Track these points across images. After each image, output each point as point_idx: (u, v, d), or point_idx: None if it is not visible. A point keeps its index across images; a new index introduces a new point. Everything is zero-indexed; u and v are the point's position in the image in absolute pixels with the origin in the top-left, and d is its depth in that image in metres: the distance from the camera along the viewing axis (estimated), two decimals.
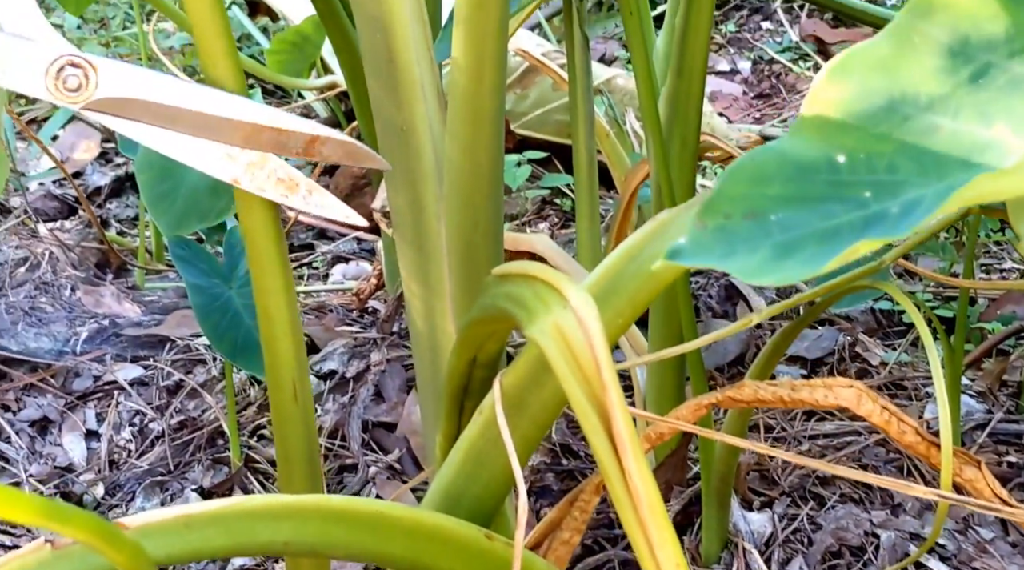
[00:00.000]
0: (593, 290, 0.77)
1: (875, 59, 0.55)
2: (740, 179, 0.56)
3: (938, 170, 0.53)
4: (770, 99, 2.90)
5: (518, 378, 0.77)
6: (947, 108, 0.54)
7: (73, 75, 0.69)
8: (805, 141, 0.56)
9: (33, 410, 1.53)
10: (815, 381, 0.91)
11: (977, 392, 1.45)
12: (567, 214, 2.25)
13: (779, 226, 0.54)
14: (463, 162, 0.87)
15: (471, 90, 0.84)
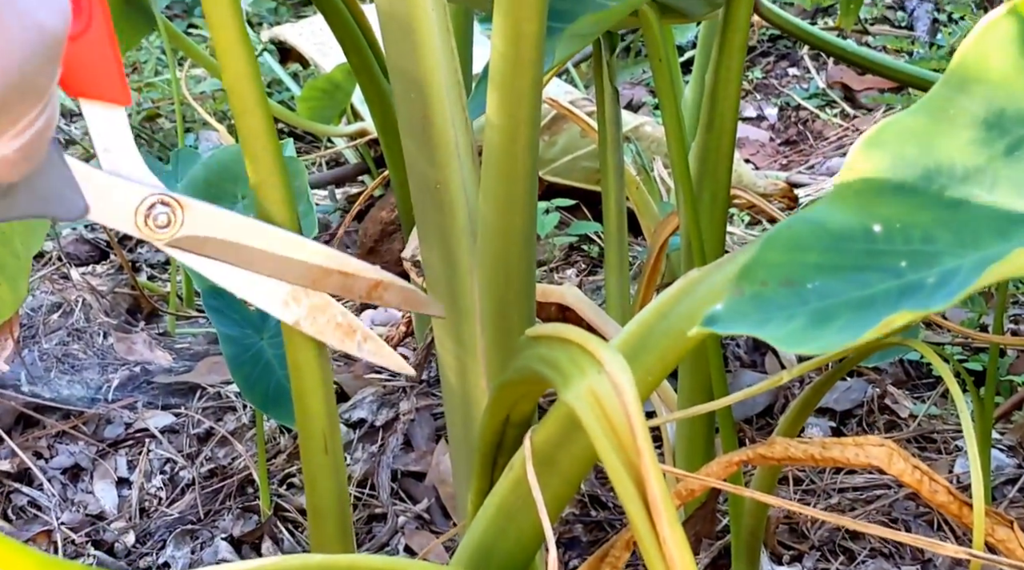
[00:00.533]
0: (623, 348, 0.77)
1: (910, 130, 0.56)
2: (777, 247, 0.57)
3: (974, 241, 0.53)
4: (797, 146, 2.91)
5: (548, 435, 0.77)
6: (983, 180, 0.54)
7: (163, 213, 0.72)
8: (841, 210, 0.57)
9: (65, 457, 1.54)
10: (846, 439, 0.91)
11: (1007, 446, 1.44)
12: (594, 260, 2.25)
13: (815, 294, 0.55)
14: (496, 220, 0.87)
15: (505, 150, 0.85)
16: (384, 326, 2.02)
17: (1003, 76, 0.54)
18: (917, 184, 0.55)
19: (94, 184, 0.70)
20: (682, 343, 0.77)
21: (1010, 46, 0.54)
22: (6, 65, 0.56)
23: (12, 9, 0.56)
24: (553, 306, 1.50)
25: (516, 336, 0.94)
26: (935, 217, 0.55)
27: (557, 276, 2.20)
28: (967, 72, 0.55)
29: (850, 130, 2.88)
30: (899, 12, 3.43)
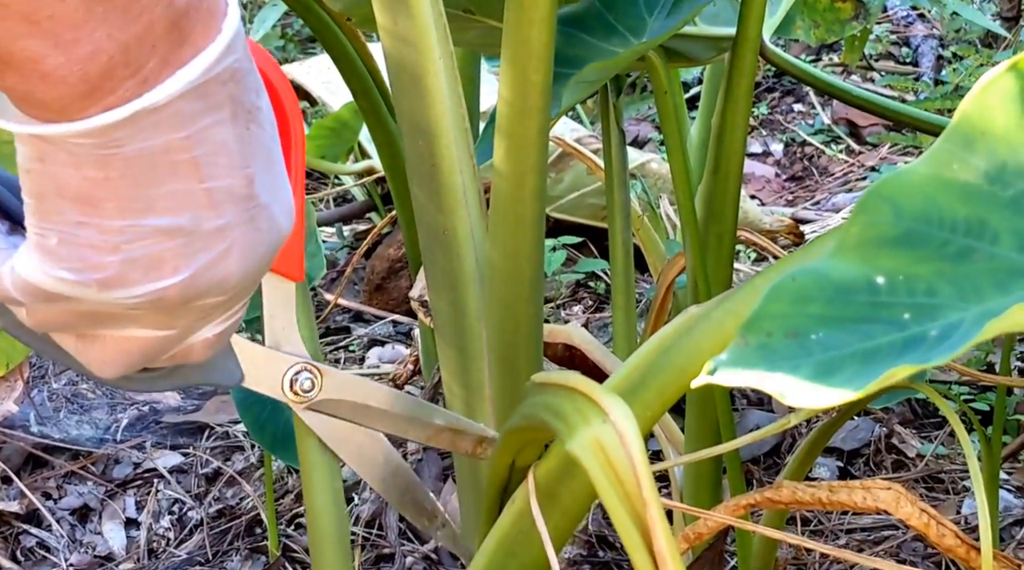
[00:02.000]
0: (623, 383, 0.78)
1: (913, 184, 0.56)
2: (782, 298, 0.57)
3: (977, 294, 0.54)
4: (803, 181, 2.91)
5: (550, 470, 0.78)
6: (985, 233, 0.55)
7: (307, 379, 0.80)
8: (845, 262, 0.57)
9: (74, 498, 1.54)
10: (853, 483, 0.92)
11: (1015, 486, 1.44)
12: (601, 297, 2.26)
13: (820, 346, 0.55)
14: (504, 266, 0.88)
15: (513, 197, 0.86)
16: (392, 364, 2.03)
17: (1005, 131, 0.55)
18: (920, 237, 0.56)
19: (248, 355, 0.77)
20: (682, 379, 0.78)
21: (1011, 102, 0.55)
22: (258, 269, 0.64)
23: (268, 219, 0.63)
24: (560, 345, 1.51)
25: (524, 380, 0.94)
26: (938, 270, 0.55)
27: (564, 313, 2.20)
28: (969, 127, 0.56)
29: (856, 166, 2.89)
30: (904, 48, 3.44)
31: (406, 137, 0.92)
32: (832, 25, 1.80)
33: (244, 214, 0.62)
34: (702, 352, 0.76)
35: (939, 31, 3.38)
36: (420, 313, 1.54)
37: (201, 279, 0.62)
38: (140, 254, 0.60)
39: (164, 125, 0.57)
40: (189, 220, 0.60)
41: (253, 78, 0.63)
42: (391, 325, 2.18)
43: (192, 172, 0.59)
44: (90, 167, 0.57)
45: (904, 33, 3.48)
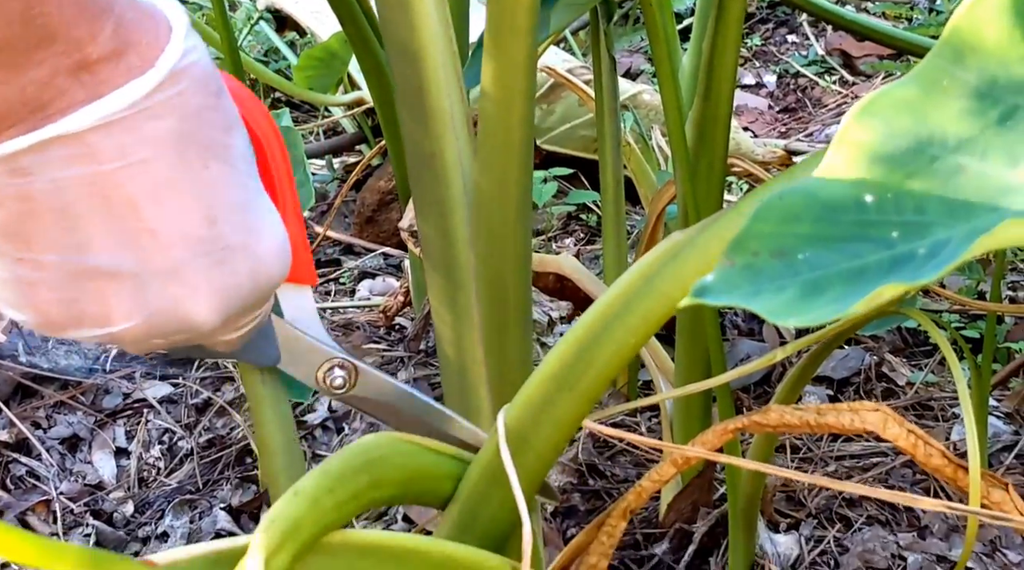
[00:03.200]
0: (607, 309, 0.78)
1: (902, 101, 0.56)
2: (769, 218, 0.56)
3: (965, 212, 0.53)
4: (796, 113, 2.90)
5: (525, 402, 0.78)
6: (975, 150, 0.54)
7: (340, 376, 0.83)
8: (833, 180, 0.56)
9: (64, 427, 1.54)
10: (841, 405, 0.91)
11: (1004, 413, 1.45)
12: (593, 229, 2.25)
13: (807, 265, 0.54)
14: (492, 192, 0.87)
15: (501, 120, 0.84)
16: (382, 296, 2.02)
17: (996, 45, 0.54)
18: (909, 154, 0.55)
19: (286, 338, 0.80)
20: (667, 304, 0.77)
21: (1003, 16, 0.54)
22: (241, 308, 0.67)
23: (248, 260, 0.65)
24: (551, 276, 1.50)
25: (514, 305, 0.94)
26: (927, 187, 0.54)
27: (555, 245, 2.20)
28: (960, 42, 0.55)
29: (849, 97, 2.88)
30: None
31: (393, 61, 0.91)
32: None
33: (205, 257, 0.62)
34: (687, 277, 0.75)
35: None
36: (410, 244, 1.53)
37: (163, 322, 0.63)
38: (81, 295, 0.60)
39: (81, 158, 0.57)
40: (133, 261, 0.60)
41: (218, 114, 0.62)
42: (381, 257, 2.18)
43: (129, 211, 0.59)
44: (11, 199, 0.57)
45: None
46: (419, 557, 0.71)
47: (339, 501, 0.70)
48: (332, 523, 0.69)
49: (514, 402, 0.79)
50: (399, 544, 0.71)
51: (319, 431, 1.51)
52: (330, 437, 1.51)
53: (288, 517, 0.66)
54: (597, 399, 0.79)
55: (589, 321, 0.77)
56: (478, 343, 0.95)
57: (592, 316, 0.77)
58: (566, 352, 0.77)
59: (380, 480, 0.75)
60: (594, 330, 0.77)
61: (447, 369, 0.99)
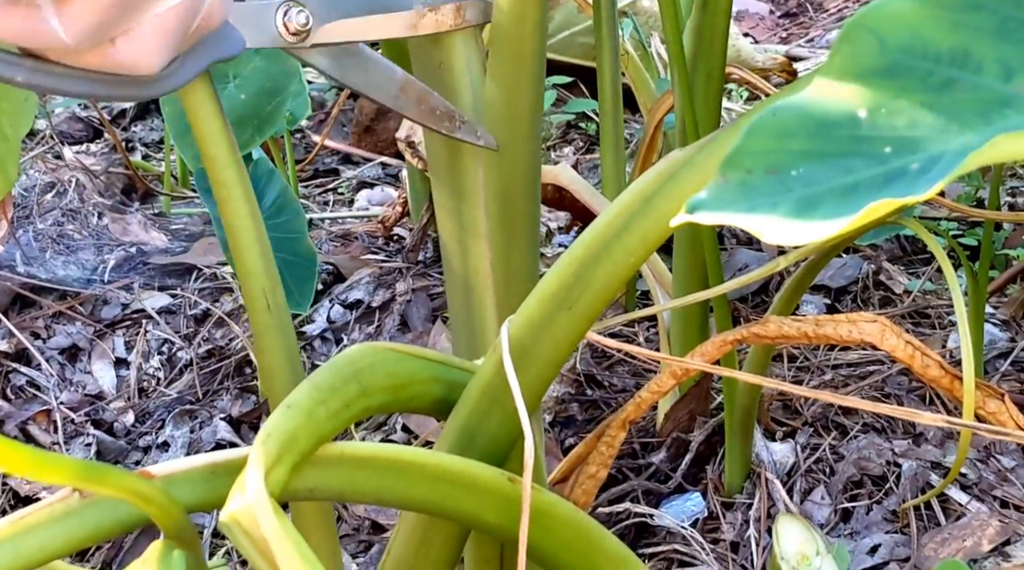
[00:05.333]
0: (606, 230, 0.78)
1: (897, 14, 0.55)
2: (762, 134, 0.56)
3: (959, 126, 0.53)
4: (797, 18, 2.87)
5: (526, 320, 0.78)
6: (969, 63, 0.54)
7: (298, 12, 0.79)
8: (827, 96, 0.56)
9: (63, 338, 1.55)
10: (838, 317, 0.92)
11: (1001, 320, 1.45)
12: (591, 138, 2.24)
13: (800, 181, 0.54)
14: (503, 102, 0.87)
15: (513, 31, 0.84)
16: (380, 206, 2.02)
17: None
18: (903, 68, 0.55)
19: (236, 17, 0.77)
20: (664, 224, 0.77)
21: None
22: None
23: None
24: (549, 186, 1.50)
25: (521, 218, 0.94)
26: (921, 102, 0.54)
27: (554, 154, 2.19)
28: None
29: (851, 2, 2.85)
30: None
31: None
32: None
33: None
34: (685, 196, 0.75)
35: None
36: (408, 154, 1.53)
37: None
38: None
39: None
40: None
41: None
42: (380, 167, 2.17)
43: None
44: None
45: None
46: (415, 469, 0.71)
47: (332, 411, 0.71)
48: (327, 433, 0.70)
49: (514, 320, 0.79)
50: (395, 456, 0.71)
51: (318, 342, 1.52)
52: (329, 348, 1.52)
53: (284, 430, 0.66)
54: (596, 318, 0.79)
55: (588, 241, 0.77)
56: (485, 255, 0.95)
57: (591, 236, 0.77)
58: (565, 272, 0.77)
59: (369, 388, 0.75)
60: (593, 250, 0.76)
61: (452, 281, 0.98)
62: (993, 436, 0.82)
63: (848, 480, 1.22)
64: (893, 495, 1.20)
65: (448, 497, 0.71)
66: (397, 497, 0.71)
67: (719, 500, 1.23)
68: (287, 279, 1.33)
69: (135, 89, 0.70)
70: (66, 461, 0.51)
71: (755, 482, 1.23)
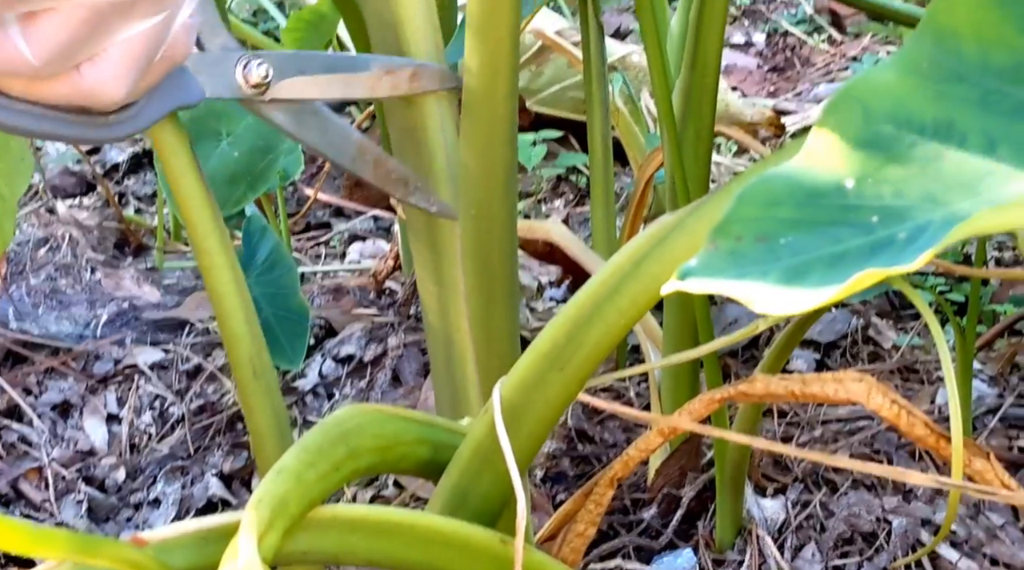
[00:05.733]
0: (598, 290, 0.79)
1: (883, 85, 0.56)
2: (751, 202, 0.57)
3: (944, 196, 0.54)
4: (784, 72, 2.90)
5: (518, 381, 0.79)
6: (953, 134, 0.55)
7: (258, 65, 0.80)
8: (815, 165, 0.57)
9: (55, 393, 1.55)
10: (825, 375, 0.92)
11: (989, 376, 1.46)
12: (582, 190, 2.26)
13: (788, 249, 0.55)
14: (477, 165, 0.88)
15: (484, 95, 0.85)
16: (372, 259, 2.03)
17: (974, 30, 0.55)
18: (889, 138, 0.56)
19: (196, 66, 0.77)
20: (655, 287, 0.78)
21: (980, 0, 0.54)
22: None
23: None
24: (540, 242, 1.51)
25: (500, 276, 0.95)
26: (906, 172, 0.55)
27: (545, 207, 2.20)
28: (938, 26, 0.55)
29: (837, 56, 2.87)
30: None
31: (373, 30, 0.91)
32: None
33: None
34: (676, 259, 0.76)
35: None
36: (399, 209, 1.54)
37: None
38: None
39: None
40: None
41: None
42: (372, 220, 2.18)
43: None
44: None
45: None
46: (407, 530, 0.72)
47: (321, 474, 0.71)
48: (317, 496, 0.70)
49: (506, 380, 0.79)
50: (387, 518, 0.72)
51: (310, 397, 1.52)
52: (320, 403, 1.52)
53: (275, 494, 0.67)
54: (588, 378, 0.80)
55: (580, 302, 0.78)
56: (464, 314, 0.96)
57: (583, 296, 0.78)
58: (557, 332, 0.78)
59: (357, 449, 0.75)
60: (585, 311, 0.78)
61: (433, 338, 0.99)
62: (981, 496, 0.83)
63: (839, 537, 1.22)
64: (884, 552, 1.20)
65: (440, 558, 0.72)
66: (390, 559, 0.71)
67: (710, 556, 1.23)
68: (279, 335, 1.33)
69: (97, 130, 0.70)
70: (60, 535, 0.51)
71: (746, 538, 1.23)
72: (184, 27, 0.68)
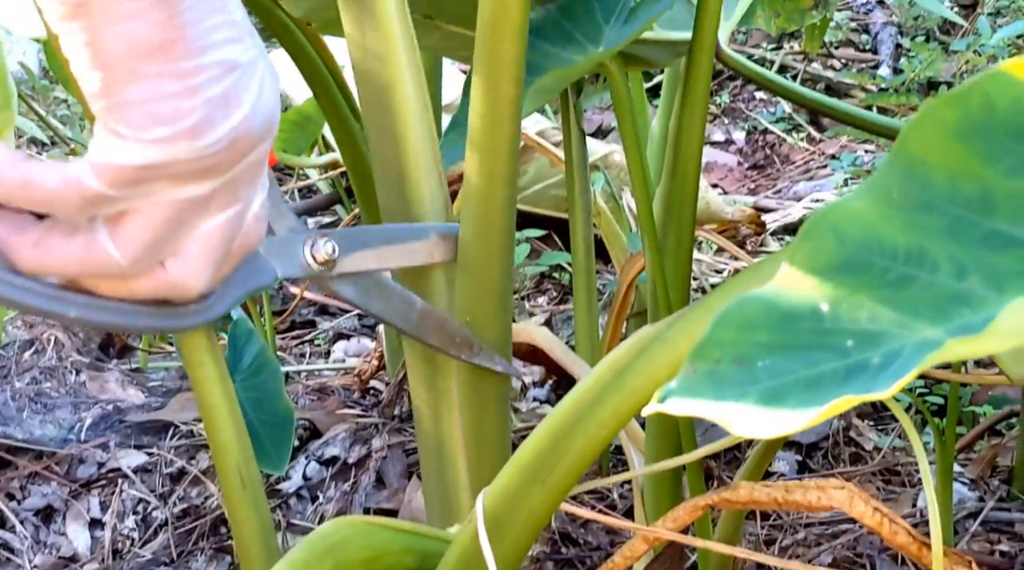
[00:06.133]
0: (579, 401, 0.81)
1: (855, 212, 0.58)
2: (729, 325, 0.58)
3: (917, 321, 0.55)
4: (764, 170, 2.94)
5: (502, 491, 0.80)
6: (924, 260, 0.56)
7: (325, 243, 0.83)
8: (791, 289, 0.58)
9: (38, 498, 1.55)
10: (808, 483, 0.93)
11: (970, 479, 1.47)
12: (566, 288, 2.27)
13: (766, 372, 0.56)
14: (472, 276, 0.90)
15: (483, 205, 0.88)
16: (357, 357, 2.03)
17: (942, 160, 0.56)
18: (862, 264, 0.57)
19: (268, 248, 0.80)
20: (636, 399, 0.80)
21: (948, 132, 0.56)
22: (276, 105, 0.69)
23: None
24: (525, 346, 1.52)
25: (493, 385, 0.96)
26: (879, 297, 0.56)
27: (529, 305, 2.22)
28: (908, 155, 0.57)
29: (816, 154, 2.92)
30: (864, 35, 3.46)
31: (373, 144, 0.93)
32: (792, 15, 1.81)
33: (260, 45, 0.68)
34: (656, 373, 0.78)
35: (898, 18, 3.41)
36: None
37: (257, 112, 0.67)
38: (217, 93, 0.64)
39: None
40: (237, 52, 0.65)
41: None
42: (356, 319, 2.19)
43: (235, 6, 0.65)
44: (154, 9, 0.61)
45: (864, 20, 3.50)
46: None
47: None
48: None
49: (489, 491, 0.80)
50: None
51: (293, 500, 1.52)
52: (304, 506, 1.52)
53: None
54: (570, 488, 0.81)
55: (562, 413, 0.80)
56: (457, 422, 0.97)
57: (565, 407, 0.80)
58: (540, 444, 0.79)
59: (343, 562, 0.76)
60: (567, 422, 0.79)
61: (424, 445, 1.00)
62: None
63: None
64: None
65: None
66: None
67: None
68: (264, 440, 1.34)
69: (177, 319, 0.74)
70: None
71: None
72: (256, 216, 0.72)
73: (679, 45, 1.21)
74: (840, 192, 2.56)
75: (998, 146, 0.56)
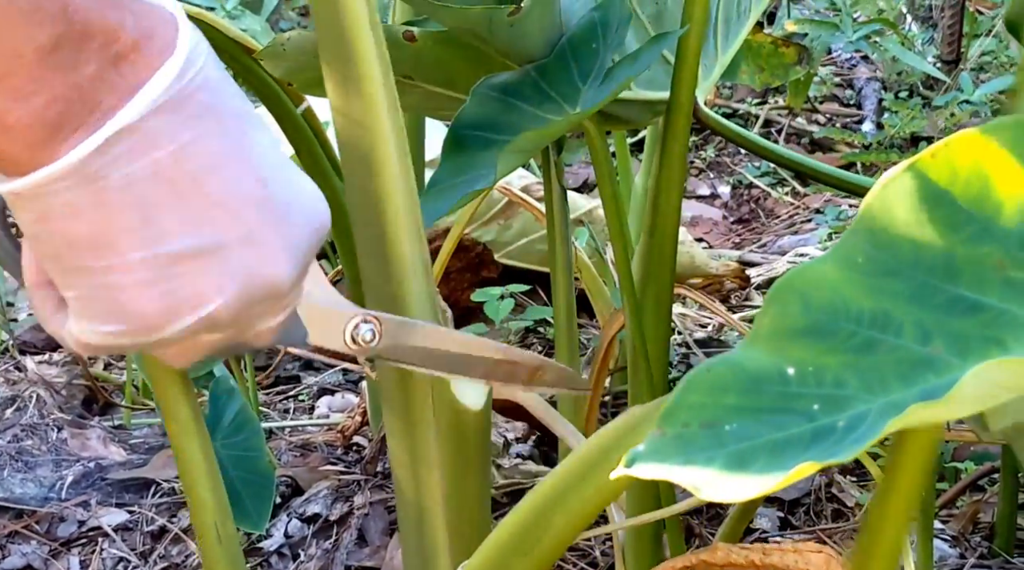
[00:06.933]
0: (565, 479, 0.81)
1: (821, 277, 0.58)
2: (698, 389, 0.59)
3: (882, 386, 0.55)
4: (749, 224, 2.95)
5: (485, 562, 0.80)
6: (889, 325, 0.57)
7: (368, 329, 0.82)
8: (758, 352, 0.59)
9: (17, 558, 1.54)
10: (786, 546, 0.94)
11: (951, 536, 1.46)
12: (550, 342, 2.27)
13: (734, 436, 0.57)
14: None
15: None
16: (341, 412, 2.03)
17: (905, 226, 0.57)
18: (827, 328, 0.58)
19: (308, 314, 0.79)
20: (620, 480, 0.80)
21: (910, 199, 0.57)
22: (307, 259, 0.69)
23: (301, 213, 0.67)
24: (510, 404, 1.52)
25: (474, 448, 0.96)
26: (845, 361, 0.57)
27: None
28: (873, 221, 0.58)
29: (801, 208, 2.93)
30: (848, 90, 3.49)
31: (354, 207, 0.94)
32: (776, 70, 1.82)
33: (270, 216, 0.64)
34: None
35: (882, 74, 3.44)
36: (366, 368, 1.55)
37: (251, 287, 0.64)
38: (173, 284, 0.62)
39: (143, 147, 0.59)
40: (211, 236, 0.62)
41: (232, 84, 0.64)
42: (340, 374, 2.19)
43: (194, 189, 0.61)
44: (88, 209, 0.59)
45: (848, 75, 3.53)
46: None
47: None
48: None
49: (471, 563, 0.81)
50: None
51: (275, 558, 1.51)
52: (286, 564, 1.51)
53: None
54: (554, 562, 0.82)
55: (546, 489, 0.80)
56: (437, 485, 0.97)
57: (550, 484, 0.80)
58: (523, 518, 0.80)
59: None
60: (551, 498, 0.80)
61: (403, 508, 1.00)
62: None
63: None
64: None
65: None
66: None
67: None
68: (244, 498, 1.34)
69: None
70: None
71: None
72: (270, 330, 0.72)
73: (657, 105, 1.22)
74: (824, 246, 2.57)
75: (960, 213, 0.56)
